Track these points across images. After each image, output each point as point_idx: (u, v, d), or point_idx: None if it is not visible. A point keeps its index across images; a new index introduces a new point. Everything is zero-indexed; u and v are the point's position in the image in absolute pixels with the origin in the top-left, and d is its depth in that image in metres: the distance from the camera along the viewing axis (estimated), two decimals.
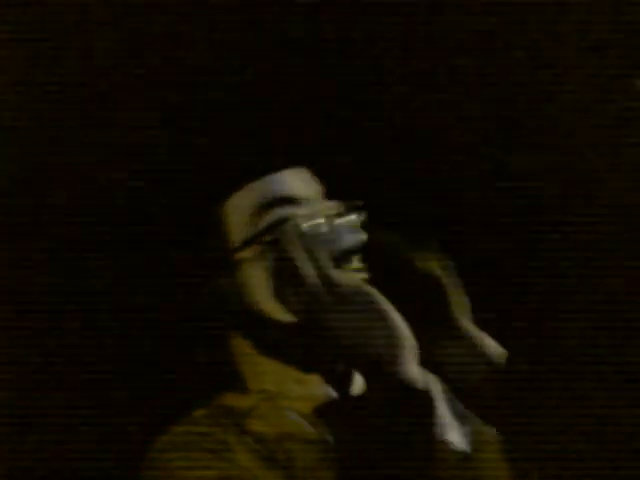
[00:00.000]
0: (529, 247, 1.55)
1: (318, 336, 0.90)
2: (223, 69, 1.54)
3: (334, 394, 1.05)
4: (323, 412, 1.03)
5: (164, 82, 1.53)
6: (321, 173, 1.14)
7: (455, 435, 0.86)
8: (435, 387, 0.88)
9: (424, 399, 0.85)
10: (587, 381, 1.42)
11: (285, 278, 0.98)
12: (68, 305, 1.48)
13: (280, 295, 1.00)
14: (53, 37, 1.51)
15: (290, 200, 1.07)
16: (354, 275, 1.02)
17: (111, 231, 1.49)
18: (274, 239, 1.02)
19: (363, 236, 1.04)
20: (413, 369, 0.88)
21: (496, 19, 1.58)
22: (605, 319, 1.50)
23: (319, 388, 1.05)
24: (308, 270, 0.91)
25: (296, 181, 1.10)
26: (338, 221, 1.05)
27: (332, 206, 1.07)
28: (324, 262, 0.92)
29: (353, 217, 1.06)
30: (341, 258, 1.02)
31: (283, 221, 1.03)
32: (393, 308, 0.90)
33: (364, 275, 1.04)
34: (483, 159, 1.58)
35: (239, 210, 1.08)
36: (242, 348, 1.09)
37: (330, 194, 1.11)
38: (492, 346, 1.01)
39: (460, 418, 0.88)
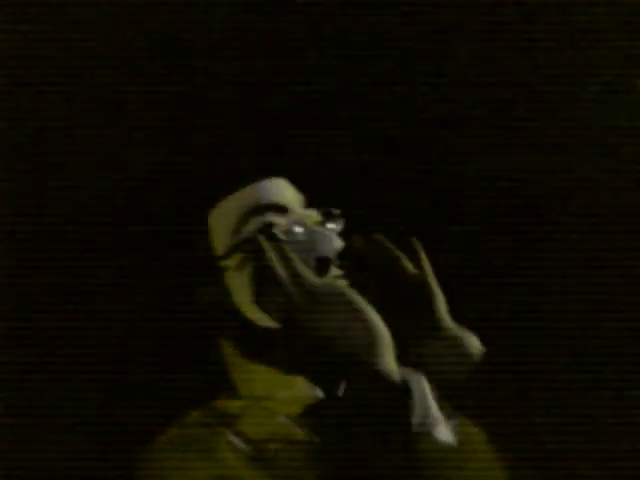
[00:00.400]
0: (528, 247, 1.55)
1: (298, 338, 0.92)
2: (211, 79, 1.55)
3: (321, 395, 1.06)
4: (310, 414, 1.04)
5: (154, 92, 1.53)
6: (312, 178, 1.16)
7: (441, 429, 0.87)
8: (421, 383, 0.89)
9: (402, 390, 0.86)
10: (575, 380, 1.42)
11: (264, 283, 1.00)
12: (64, 308, 1.49)
13: (260, 300, 1.03)
14: (52, 37, 1.51)
15: (272, 208, 1.10)
16: (331, 278, 1.05)
17: (99, 240, 1.49)
18: (254, 247, 1.05)
19: (341, 244, 1.08)
20: (390, 362, 0.90)
21: (497, 19, 1.58)
22: (601, 319, 1.50)
23: (306, 390, 1.07)
24: (284, 274, 0.94)
25: (277, 190, 1.13)
26: (317, 229, 1.07)
27: (312, 214, 1.09)
28: (300, 266, 0.95)
29: (332, 225, 1.09)
30: (319, 265, 1.05)
31: (264, 228, 1.06)
32: (368, 305, 0.93)
33: (343, 281, 1.06)
34: (483, 159, 1.58)
35: (223, 219, 1.11)
36: (230, 354, 1.11)
37: (312, 202, 1.14)
38: (476, 345, 1.03)
39: (446, 415, 0.89)
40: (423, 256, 1.08)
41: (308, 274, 0.95)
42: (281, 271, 0.95)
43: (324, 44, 1.58)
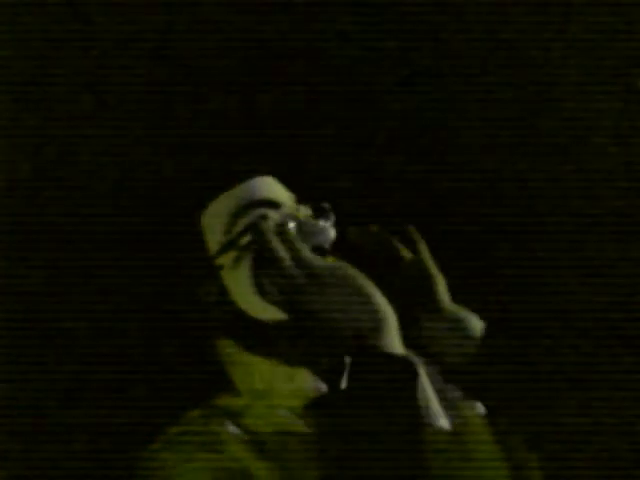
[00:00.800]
0: (528, 247, 1.55)
1: (302, 322, 0.92)
2: (204, 76, 1.55)
3: (324, 388, 1.07)
4: (314, 406, 1.04)
5: (148, 92, 1.53)
6: (311, 172, 1.17)
7: (439, 415, 0.87)
8: (420, 368, 0.90)
9: (408, 368, 0.86)
10: (576, 359, 1.43)
11: (264, 271, 1.01)
12: (65, 307, 1.49)
13: (261, 290, 1.03)
14: (52, 37, 1.51)
15: (265, 203, 1.11)
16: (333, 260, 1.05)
17: (96, 241, 1.49)
18: (251, 239, 1.05)
19: (333, 234, 1.08)
20: (396, 341, 0.90)
21: (497, 20, 1.58)
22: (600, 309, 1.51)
23: (309, 383, 1.07)
24: (285, 257, 0.94)
25: (268, 187, 1.13)
26: (309, 221, 1.08)
27: (303, 209, 1.10)
28: (300, 248, 0.95)
29: (323, 220, 1.09)
30: (314, 253, 1.05)
31: (259, 221, 1.06)
32: (372, 284, 0.93)
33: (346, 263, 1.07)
34: (483, 161, 1.58)
35: (215, 218, 1.11)
36: (229, 350, 1.11)
37: (302, 198, 1.15)
38: (477, 325, 1.04)
39: (444, 398, 0.90)
40: (420, 241, 1.09)
41: (310, 255, 0.95)
42: (281, 255, 0.95)
43: (324, 44, 1.58)
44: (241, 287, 1.07)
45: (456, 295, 1.09)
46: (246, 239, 1.08)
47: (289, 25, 1.56)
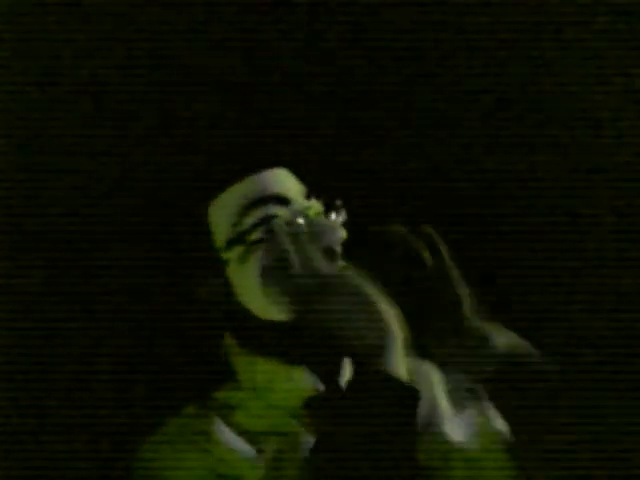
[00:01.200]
0: (528, 247, 1.55)
1: (307, 328, 0.91)
2: (211, 69, 1.55)
3: (322, 387, 1.06)
4: (311, 405, 1.04)
5: (153, 86, 1.53)
6: (321, 171, 1.15)
7: (451, 426, 0.86)
8: (431, 376, 0.89)
9: (408, 391, 0.86)
10: (595, 383, 1.42)
11: (273, 273, 0.99)
12: (65, 305, 1.49)
13: (268, 290, 1.02)
14: (52, 37, 1.52)
15: (274, 199, 1.08)
16: (340, 267, 1.04)
17: (101, 234, 1.49)
18: (261, 237, 1.04)
19: (344, 234, 1.06)
20: (400, 360, 0.90)
21: (496, 20, 1.58)
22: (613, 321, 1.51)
23: (307, 382, 1.06)
24: (296, 263, 0.93)
25: (279, 181, 1.10)
26: (320, 220, 1.06)
27: (314, 205, 1.08)
28: (311, 254, 0.94)
29: (334, 216, 1.07)
30: (326, 256, 1.03)
31: (269, 219, 1.04)
32: (382, 297, 0.92)
33: (359, 272, 1.05)
34: (483, 159, 1.58)
35: (223, 211, 1.09)
36: (232, 346, 1.10)
37: (313, 193, 1.12)
38: (501, 343, 1.02)
39: (461, 409, 0.89)
40: (442, 245, 1.07)
41: (321, 263, 0.94)
42: (293, 259, 0.94)
43: (324, 44, 1.58)
44: (246, 284, 1.06)
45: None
46: (256, 235, 1.05)
47: (289, 25, 1.56)
